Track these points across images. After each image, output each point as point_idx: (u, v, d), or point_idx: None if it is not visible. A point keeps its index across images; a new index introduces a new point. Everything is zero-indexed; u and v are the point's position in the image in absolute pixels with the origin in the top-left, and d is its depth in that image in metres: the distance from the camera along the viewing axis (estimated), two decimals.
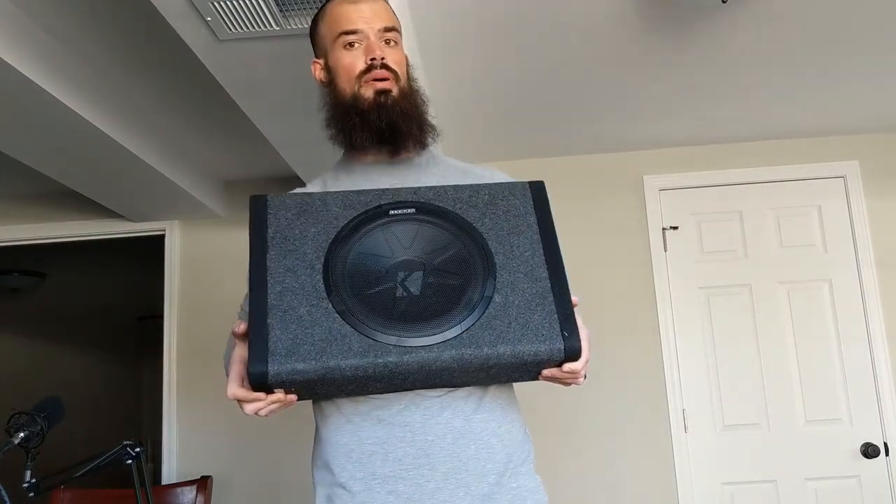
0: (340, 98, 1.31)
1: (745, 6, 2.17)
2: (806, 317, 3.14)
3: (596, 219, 3.29)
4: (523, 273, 1.13)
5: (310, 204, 1.16)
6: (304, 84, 2.26)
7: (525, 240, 1.16)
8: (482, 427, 1.21)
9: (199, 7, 1.78)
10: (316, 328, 1.05)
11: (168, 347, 3.43)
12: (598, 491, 3.08)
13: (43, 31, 2.16)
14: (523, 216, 1.18)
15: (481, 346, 1.06)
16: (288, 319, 1.06)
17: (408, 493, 1.16)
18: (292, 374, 1.03)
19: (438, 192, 1.19)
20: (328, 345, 1.04)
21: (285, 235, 1.13)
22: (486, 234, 1.16)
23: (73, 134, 2.47)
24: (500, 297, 1.11)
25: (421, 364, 1.05)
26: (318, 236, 1.13)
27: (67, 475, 1.67)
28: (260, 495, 3.28)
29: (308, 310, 1.07)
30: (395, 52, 1.31)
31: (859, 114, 3.04)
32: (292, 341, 1.04)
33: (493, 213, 1.18)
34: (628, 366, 3.15)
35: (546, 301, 1.11)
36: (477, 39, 2.28)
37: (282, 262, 1.11)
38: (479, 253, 1.14)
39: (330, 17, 1.34)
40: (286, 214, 1.15)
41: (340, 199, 1.17)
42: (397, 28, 1.33)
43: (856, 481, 3.00)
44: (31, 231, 3.61)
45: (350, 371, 1.04)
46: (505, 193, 1.20)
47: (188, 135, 3.00)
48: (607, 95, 2.75)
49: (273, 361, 1.03)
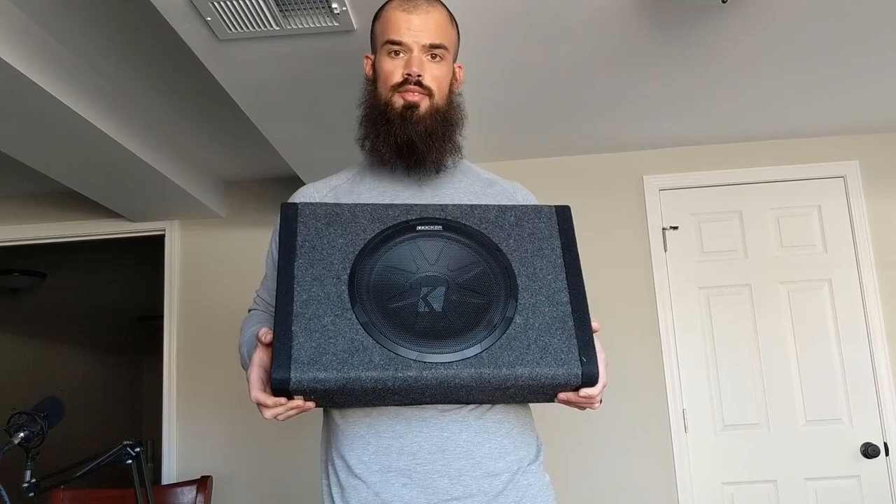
0: (376, 100, 1.34)
1: (746, 6, 2.17)
2: (806, 317, 3.14)
3: (596, 219, 3.29)
4: (545, 296, 1.14)
5: (339, 215, 1.18)
6: (304, 84, 2.26)
7: (548, 263, 1.18)
8: (496, 427, 1.23)
9: (199, 7, 1.78)
10: (339, 339, 1.07)
11: (168, 347, 3.43)
12: (597, 491, 3.08)
13: (43, 31, 2.17)
14: (548, 239, 1.20)
15: (500, 366, 1.08)
16: (312, 328, 1.08)
17: (421, 487, 1.18)
18: (314, 383, 1.05)
19: (466, 211, 1.20)
20: (350, 356, 1.06)
21: (314, 244, 1.15)
22: (510, 255, 1.17)
23: (73, 134, 2.47)
24: (520, 318, 1.12)
25: (440, 381, 1.06)
26: (345, 247, 1.15)
27: (67, 475, 1.67)
28: (260, 495, 3.28)
29: (332, 320, 1.09)
30: (437, 68, 1.32)
31: (859, 114, 3.04)
32: (315, 350, 1.06)
33: (518, 234, 1.19)
34: (628, 366, 3.15)
35: (566, 326, 1.12)
36: (476, 40, 2.28)
37: (309, 271, 1.13)
38: (503, 273, 1.16)
39: (383, 21, 1.36)
40: (315, 224, 1.17)
41: (369, 212, 1.19)
42: (445, 44, 1.33)
43: (856, 481, 3.00)
44: (31, 231, 3.61)
45: (370, 383, 1.05)
46: (531, 216, 1.22)
47: (188, 135, 3.01)
48: (607, 95, 2.75)
49: (296, 369, 1.04)
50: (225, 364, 3.31)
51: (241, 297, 3.32)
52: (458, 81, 1.41)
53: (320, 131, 2.64)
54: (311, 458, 3.22)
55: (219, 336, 3.40)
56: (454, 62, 1.40)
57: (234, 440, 3.33)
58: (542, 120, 2.96)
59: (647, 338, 3.17)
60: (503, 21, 2.19)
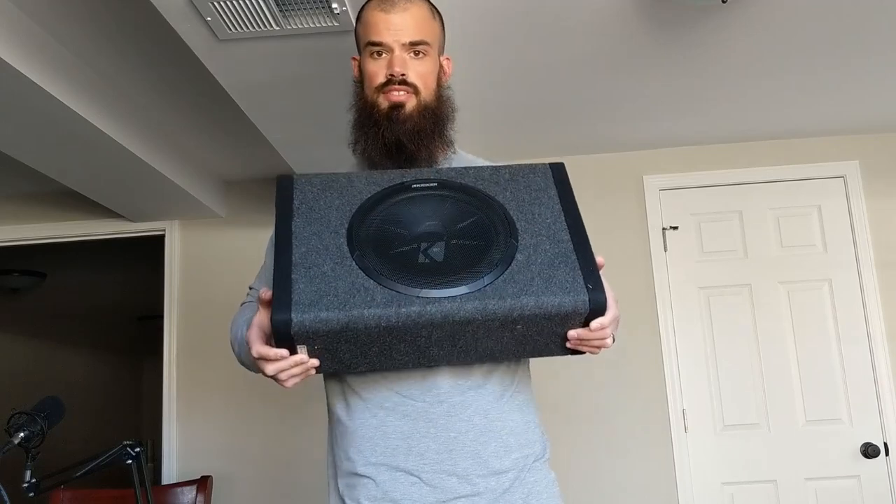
0: (363, 103, 1.34)
1: (746, 6, 2.17)
2: (806, 317, 3.14)
3: (596, 219, 3.28)
4: (545, 236, 1.14)
5: (335, 180, 1.19)
6: (304, 84, 2.26)
7: (546, 209, 1.17)
8: (501, 425, 1.24)
9: (199, 7, 1.78)
10: (340, 282, 1.06)
11: (168, 347, 3.43)
12: (597, 491, 3.08)
13: (43, 31, 2.17)
14: (544, 189, 1.20)
15: (505, 297, 1.06)
16: (312, 276, 1.07)
17: (430, 486, 1.19)
18: (316, 323, 1.03)
19: (460, 172, 1.21)
20: (351, 296, 1.05)
21: (311, 206, 1.16)
22: (507, 205, 1.17)
23: (73, 134, 2.47)
24: (522, 256, 1.11)
25: (444, 315, 1.04)
26: (342, 207, 1.15)
27: (67, 475, 1.67)
28: (260, 495, 3.28)
29: (332, 267, 1.08)
30: (421, 64, 1.31)
31: (859, 114, 3.04)
32: (316, 293, 1.05)
33: (514, 187, 1.20)
34: (628, 366, 3.15)
35: (569, 259, 1.11)
36: (476, 40, 2.28)
37: (307, 228, 1.13)
38: (501, 220, 1.15)
39: (363, 23, 1.35)
40: (311, 189, 1.18)
41: (365, 178, 1.20)
42: (427, 40, 1.32)
43: (856, 481, 3.00)
44: (31, 231, 3.61)
45: (373, 320, 1.04)
46: (526, 172, 1.22)
47: (188, 135, 3.00)
48: (607, 95, 2.75)
49: (297, 310, 1.03)
50: (225, 364, 3.31)
51: (241, 297, 3.31)
52: (447, 75, 1.40)
53: (320, 131, 2.64)
54: (311, 457, 3.22)
55: (219, 336, 3.40)
56: (440, 55, 1.39)
57: (234, 440, 3.33)
58: (542, 120, 2.96)
59: (647, 338, 3.17)
60: (503, 21, 2.19)
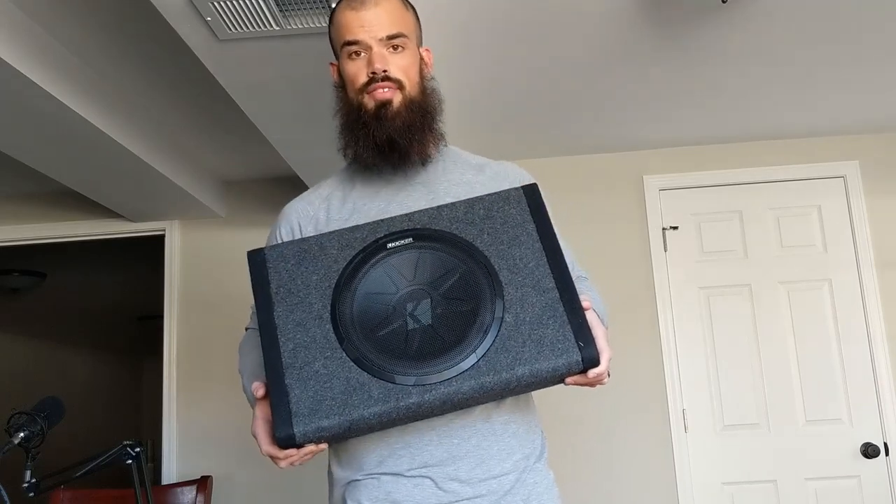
0: (349, 105, 1.31)
1: (746, 6, 2.17)
2: (806, 317, 3.14)
3: (596, 219, 3.29)
4: (530, 286, 1.12)
5: (307, 251, 1.16)
6: (305, 84, 2.26)
7: (527, 251, 1.15)
8: (503, 428, 1.24)
9: (199, 7, 1.78)
10: (334, 381, 1.06)
11: (168, 347, 3.43)
12: (598, 491, 3.08)
13: (43, 30, 2.17)
14: (521, 225, 1.17)
15: (499, 371, 1.06)
16: (305, 377, 1.07)
17: (433, 489, 1.20)
18: (318, 432, 1.05)
19: (433, 215, 1.18)
20: (349, 396, 1.05)
21: (289, 288, 1.14)
22: (486, 252, 1.15)
23: (73, 134, 2.47)
24: (510, 315, 1.10)
25: (443, 399, 1.06)
26: (320, 283, 1.13)
27: (67, 475, 1.67)
28: (260, 495, 3.28)
29: (323, 363, 1.08)
30: (401, 58, 1.29)
31: (859, 114, 3.04)
32: (313, 399, 1.05)
33: (490, 227, 1.17)
34: (628, 366, 3.15)
35: (557, 312, 1.10)
36: (477, 41, 2.28)
37: (290, 318, 1.11)
38: (483, 272, 1.13)
39: (336, 25, 1.33)
40: (286, 266, 1.16)
41: (336, 240, 1.17)
42: (403, 32, 1.30)
43: (856, 481, 3.00)
44: (31, 231, 3.61)
45: (374, 418, 1.05)
46: (500, 204, 1.19)
47: (188, 135, 3.00)
48: (607, 95, 2.75)
49: (297, 423, 1.04)
50: (225, 364, 3.31)
51: (241, 297, 3.31)
52: (429, 66, 1.37)
53: (320, 131, 2.63)
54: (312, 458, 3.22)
55: (219, 336, 3.40)
56: (419, 47, 1.36)
57: (234, 440, 3.33)
58: (542, 120, 2.96)
59: (647, 338, 3.17)
60: (503, 21, 2.19)
